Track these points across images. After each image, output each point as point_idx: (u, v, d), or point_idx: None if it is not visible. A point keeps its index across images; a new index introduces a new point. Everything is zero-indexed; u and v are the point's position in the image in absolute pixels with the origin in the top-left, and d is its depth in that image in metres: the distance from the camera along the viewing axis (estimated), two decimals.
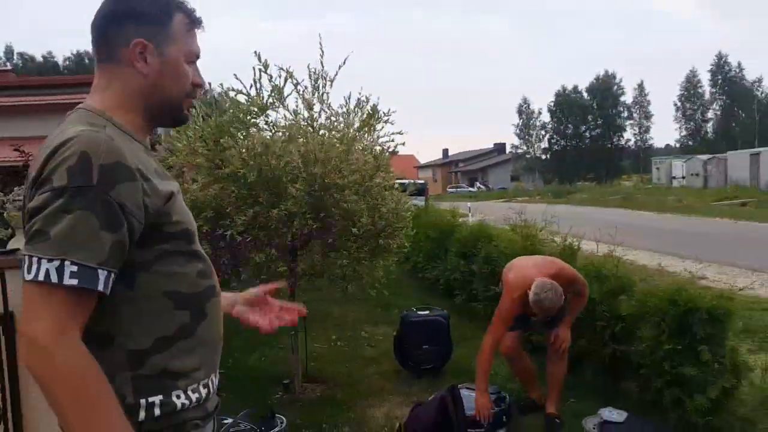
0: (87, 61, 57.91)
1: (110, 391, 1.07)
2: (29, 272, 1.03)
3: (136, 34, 1.23)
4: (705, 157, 38.15)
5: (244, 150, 3.64)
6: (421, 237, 8.87)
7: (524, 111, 72.05)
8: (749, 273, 8.98)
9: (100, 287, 1.06)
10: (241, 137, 3.93)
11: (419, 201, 17.18)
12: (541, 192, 36.89)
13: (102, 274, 1.05)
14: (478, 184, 60.03)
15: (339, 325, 6.87)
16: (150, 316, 1.16)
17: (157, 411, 1.16)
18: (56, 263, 1.02)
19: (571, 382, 4.32)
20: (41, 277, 1.02)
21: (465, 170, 67.72)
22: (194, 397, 1.22)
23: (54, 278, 1.02)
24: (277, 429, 3.81)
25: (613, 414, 3.65)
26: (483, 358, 3.76)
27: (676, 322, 3.54)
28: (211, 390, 1.29)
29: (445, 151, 77.30)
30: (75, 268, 1.02)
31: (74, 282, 1.02)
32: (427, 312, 5.07)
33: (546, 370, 4.10)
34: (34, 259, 1.02)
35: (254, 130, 4.00)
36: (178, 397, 1.19)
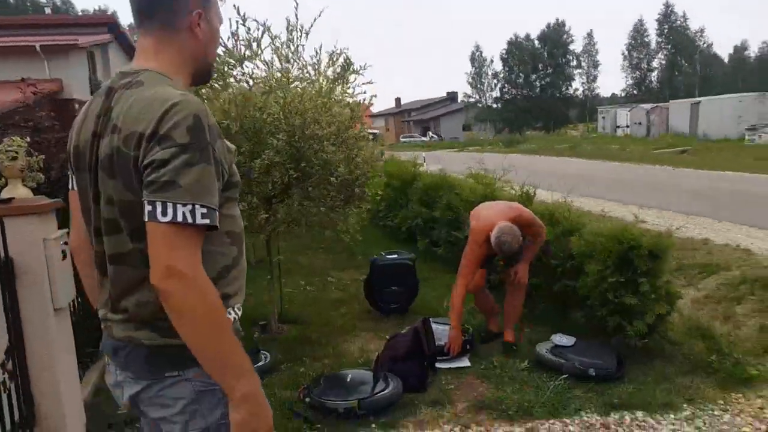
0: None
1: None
2: (165, 215, 1.22)
3: (197, 3, 1.43)
4: (648, 106, 39.40)
5: (225, 101, 3.82)
6: (381, 186, 9.18)
7: (477, 59, 72.23)
8: (684, 217, 9.69)
9: (218, 224, 1.30)
10: (219, 88, 4.10)
11: None
12: (493, 141, 37.56)
13: (217, 214, 1.29)
14: (430, 133, 60.33)
15: (306, 271, 7.20)
16: (218, 250, 1.41)
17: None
18: (189, 207, 1.23)
19: (526, 314, 4.79)
20: (179, 219, 1.22)
21: (417, 119, 67.82)
22: (239, 313, 1.51)
23: (189, 219, 1.23)
24: (261, 363, 4.15)
25: (563, 339, 4.13)
26: (456, 300, 4.24)
27: (620, 259, 4.00)
28: (239, 314, 1.52)
29: (398, 100, 77.02)
30: (204, 210, 1.25)
31: (207, 221, 1.25)
32: (395, 255, 5.44)
33: (504, 303, 4.56)
34: (169, 204, 1.22)
35: (232, 80, 4.17)
36: (230, 313, 1.45)
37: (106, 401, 3.47)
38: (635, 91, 70.10)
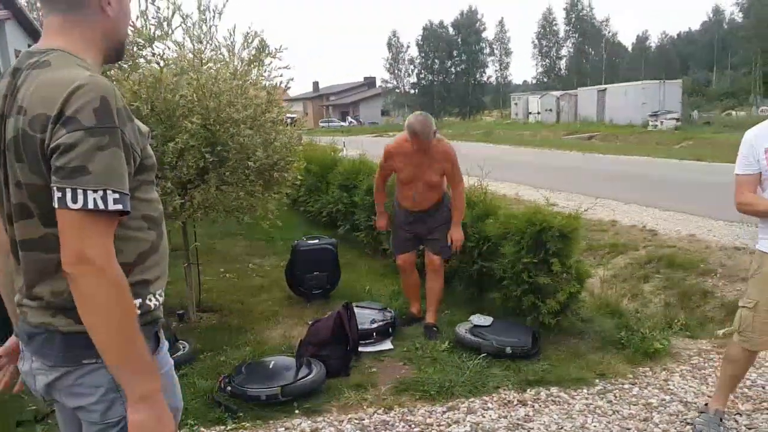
0: None
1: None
2: (75, 202, 1.19)
3: None
4: (558, 93, 41.04)
5: (135, 82, 3.64)
6: (301, 172, 9.08)
7: (393, 45, 72.51)
8: (593, 199, 10.19)
9: (130, 209, 1.27)
10: (128, 69, 3.90)
11: None
12: None
13: (129, 199, 1.26)
14: (349, 118, 60.24)
15: (225, 258, 7.03)
16: (134, 235, 1.37)
17: (137, 311, 1.38)
18: (100, 193, 1.20)
19: (445, 297, 4.90)
20: (90, 205, 1.19)
21: (336, 104, 67.50)
22: (160, 300, 1.47)
23: (101, 205, 1.20)
24: (180, 353, 4.02)
25: (481, 319, 4.26)
26: (375, 192, 4.90)
27: (533, 240, 4.15)
28: (161, 301, 1.50)
29: (316, 84, 76.32)
30: (117, 196, 1.22)
31: (119, 207, 1.23)
32: (316, 240, 5.40)
33: (426, 287, 4.65)
34: (79, 191, 1.19)
35: (142, 61, 3.98)
36: (150, 300, 1.43)
37: (13, 398, 3.28)
38: (545, 79, 72.70)
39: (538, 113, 40.32)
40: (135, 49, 4.00)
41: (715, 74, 62.02)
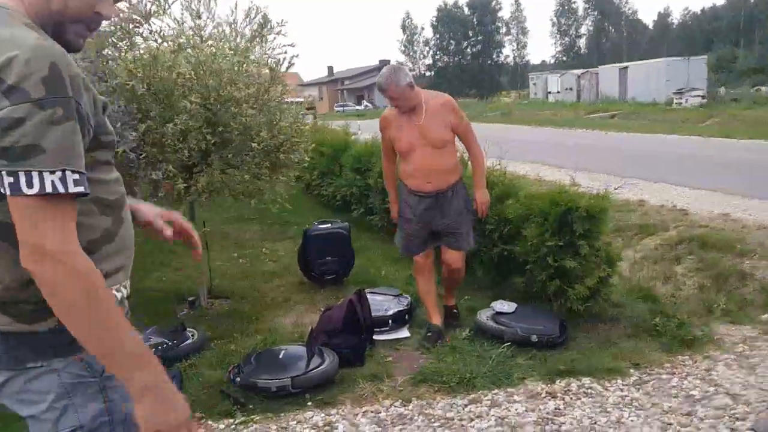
0: None
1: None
2: (31, 186, 1.03)
3: None
4: (578, 71, 40.20)
5: (130, 61, 3.42)
6: (314, 155, 8.86)
7: (408, 26, 71.70)
8: (619, 180, 9.84)
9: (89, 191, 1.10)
10: (126, 47, 3.69)
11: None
12: None
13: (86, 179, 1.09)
14: (365, 102, 59.82)
15: (238, 243, 6.85)
16: (80, 221, 1.16)
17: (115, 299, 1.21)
18: (59, 174, 1.03)
19: (465, 282, 4.66)
20: (48, 189, 1.03)
21: (351, 88, 67.03)
22: (118, 296, 1.29)
23: (60, 188, 1.04)
24: (189, 341, 3.84)
25: (504, 305, 4.01)
26: (386, 176, 4.19)
27: (558, 221, 3.88)
28: (125, 294, 1.34)
29: (330, 69, 75.80)
30: (77, 176, 1.06)
31: (80, 189, 1.07)
32: (329, 225, 5.18)
33: (442, 275, 4.11)
34: (34, 173, 1.02)
35: (139, 39, 3.76)
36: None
37: None
38: (564, 58, 71.54)
39: (558, 92, 39.56)
40: (131, 26, 3.78)
41: (741, 50, 60.35)
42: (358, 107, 56.21)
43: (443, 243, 3.95)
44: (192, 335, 3.93)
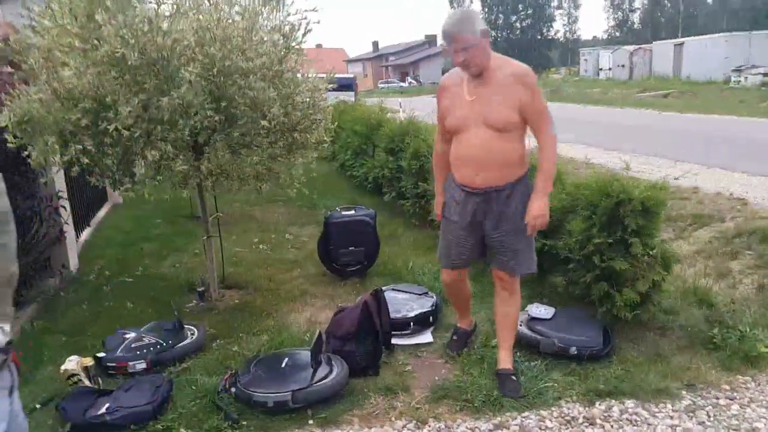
0: None
1: None
2: None
3: None
4: (631, 48, 38.44)
5: (123, 26, 3.03)
6: (348, 133, 8.45)
7: (455, 0, 70.02)
8: (671, 163, 9.11)
9: None
10: (119, 11, 3.30)
11: (348, 96, 16.55)
12: None
13: None
14: (409, 78, 58.92)
15: (262, 227, 6.51)
16: None
17: None
18: None
19: None
20: None
21: (396, 64, 66.07)
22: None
23: None
24: (187, 341, 3.51)
25: (541, 310, 3.53)
26: (434, 160, 3.25)
27: (608, 215, 3.37)
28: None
29: (375, 44, 74.87)
30: None
31: None
32: (351, 212, 4.75)
33: (495, 309, 3.22)
34: None
35: (135, 1, 3.37)
36: None
37: None
38: (617, 33, 68.77)
39: (609, 69, 37.94)
40: None
41: None
42: (402, 84, 55.41)
43: (493, 261, 3.08)
44: (191, 334, 3.59)
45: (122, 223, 6.84)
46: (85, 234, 6.25)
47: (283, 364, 3.10)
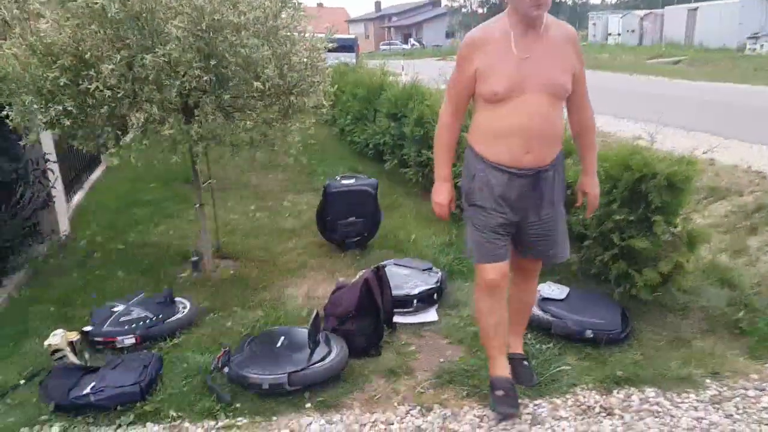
0: None
1: None
2: None
3: None
4: (642, 12, 37.52)
5: None
6: (349, 97, 8.14)
7: None
8: (684, 133, 8.81)
9: None
10: None
11: (349, 58, 16.08)
12: None
13: None
14: (412, 40, 57.84)
15: (258, 194, 6.27)
16: None
17: None
18: None
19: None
20: None
21: (398, 25, 64.79)
22: None
23: None
24: (178, 316, 3.31)
25: (554, 289, 3.33)
26: (439, 133, 2.58)
27: (629, 190, 3.13)
28: None
29: (378, 4, 73.31)
30: None
31: None
32: (352, 180, 4.50)
33: (510, 298, 2.72)
34: None
35: None
36: None
37: None
38: None
39: (619, 35, 37.05)
40: None
41: None
42: (405, 46, 54.43)
43: (526, 251, 2.63)
44: (183, 307, 3.39)
45: (116, 186, 6.61)
46: (78, 197, 6.02)
47: (279, 344, 2.91)
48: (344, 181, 4.49)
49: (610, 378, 2.77)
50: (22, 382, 2.82)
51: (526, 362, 2.82)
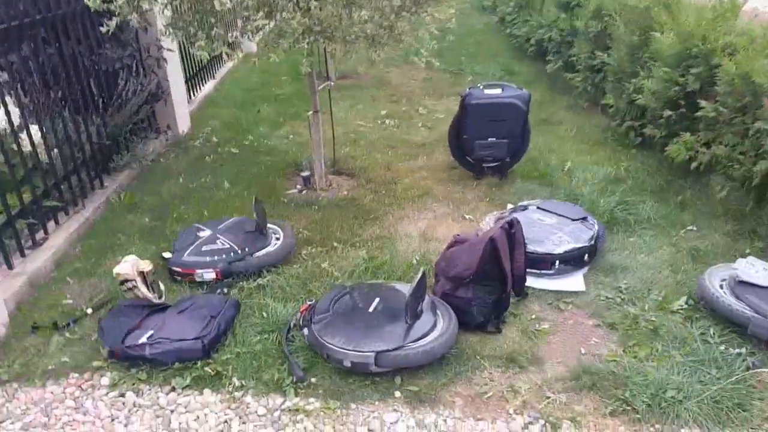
0: None
1: None
2: None
3: None
4: None
5: None
6: None
7: None
8: None
9: None
10: None
11: None
12: None
13: None
14: None
15: (394, 96, 5.55)
16: None
17: None
18: None
19: (693, 204, 3.00)
20: None
21: None
22: None
23: None
24: (267, 249, 2.82)
25: (758, 270, 2.36)
26: None
27: None
28: None
29: None
30: None
31: None
32: (498, 91, 3.60)
33: None
34: None
35: None
36: None
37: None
38: None
39: None
40: None
41: None
42: None
43: None
44: (276, 238, 2.89)
45: (248, 77, 6.24)
46: (209, 87, 5.72)
47: (373, 307, 2.31)
48: (488, 91, 3.60)
49: None
50: (89, 311, 2.52)
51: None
